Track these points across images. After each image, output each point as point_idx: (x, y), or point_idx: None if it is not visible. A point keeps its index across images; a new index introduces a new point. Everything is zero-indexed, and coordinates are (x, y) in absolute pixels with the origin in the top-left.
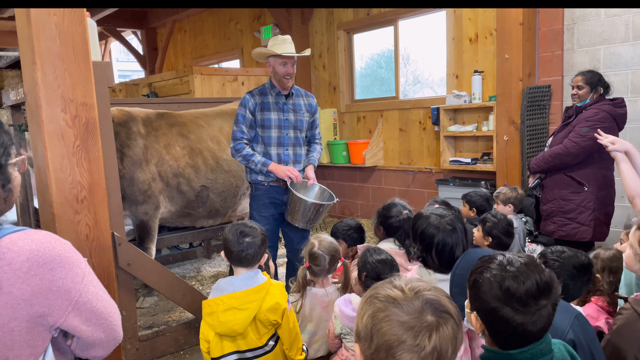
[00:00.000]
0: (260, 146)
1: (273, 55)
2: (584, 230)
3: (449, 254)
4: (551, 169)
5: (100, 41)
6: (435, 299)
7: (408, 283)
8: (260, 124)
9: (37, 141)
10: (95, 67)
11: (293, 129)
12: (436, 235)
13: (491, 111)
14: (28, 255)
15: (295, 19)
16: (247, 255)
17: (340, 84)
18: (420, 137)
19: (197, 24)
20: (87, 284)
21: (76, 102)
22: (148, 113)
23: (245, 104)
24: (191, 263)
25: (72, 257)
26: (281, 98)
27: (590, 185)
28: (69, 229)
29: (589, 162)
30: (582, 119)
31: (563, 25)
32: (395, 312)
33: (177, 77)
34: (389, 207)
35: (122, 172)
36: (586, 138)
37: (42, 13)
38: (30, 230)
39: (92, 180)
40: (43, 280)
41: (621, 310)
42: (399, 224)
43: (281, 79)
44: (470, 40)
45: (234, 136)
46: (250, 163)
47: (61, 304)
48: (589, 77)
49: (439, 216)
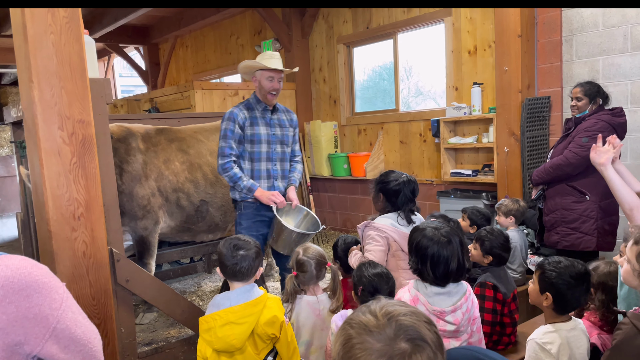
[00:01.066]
0: (248, 162)
1: (260, 70)
2: (587, 240)
3: (444, 266)
4: (553, 180)
5: (103, 57)
6: (410, 324)
7: (383, 307)
8: (250, 139)
9: (34, 158)
10: (93, 84)
11: (280, 143)
12: (430, 247)
13: (491, 123)
14: (3, 282)
15: (296, 33)
16: (242, 269)
17: (340, 97)
18: (421, 149)
19: (199, 39)
20: (65, 309)
21: (73, 120)
22: (147, 129)
23: (234, 119)
24: (192, 278)
25: (49, 282)
26: (267, 113)
27: (592, 194)
28: (65, 246)
29: (591, 171)
30: (581, 130)
31: (561, 37)
32: (368, 339)
33: (178, 92)
34: (388, 173)
35: (122, 187)
36: (585, 148)
37: (38, 31)
38: (5, 255)
39: (89, 197)
40: (19, 307)
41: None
42: (398, 187)
43: (267, 94)
44: (469, 52)
45: (222, 152)
46: (236, 186)
47: (38, 331)
48: (588, 89)
49: (435, 229)
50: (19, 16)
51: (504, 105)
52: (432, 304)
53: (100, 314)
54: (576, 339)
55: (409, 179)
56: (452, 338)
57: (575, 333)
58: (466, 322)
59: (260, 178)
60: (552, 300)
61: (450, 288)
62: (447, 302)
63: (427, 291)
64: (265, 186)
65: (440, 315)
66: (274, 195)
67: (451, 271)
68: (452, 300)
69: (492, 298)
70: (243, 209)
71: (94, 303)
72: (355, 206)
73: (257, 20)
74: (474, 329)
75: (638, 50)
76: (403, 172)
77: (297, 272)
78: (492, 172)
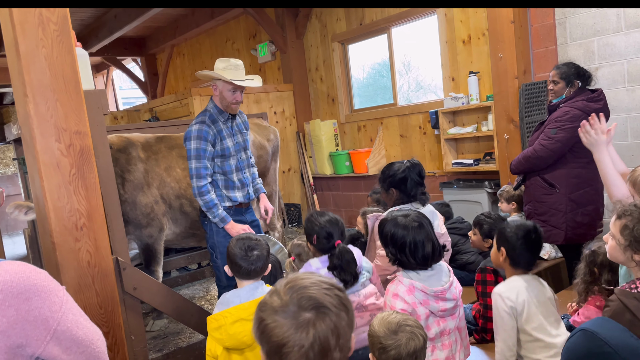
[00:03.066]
0: (220, 176)
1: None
2: (556, 233)
3: (422, 249)
4: (526, 170)
5: (102, 71)
6: (310, 295)
7: (286, 285)
8: (220, 154)
9: (33, 172)
10: (88, 96)
11: (243, 150)
12: (406, 235)
13: (489, 111)
14: (2, 286)
15: (290, 34)
16: (257, 269)
17: (338, 95)
18: (422, 142)
19: (195, 47)
20: (65, 312)
21: (70, 131)
22: (147, 137)
23: (205, 137)
24: (200, 283)
25: (48, 285)
26: (229, 122)
27: (562, 186)
28: (70, 257)
29: (561, 163)
30: (552, 120)
31: (555, 20)
32: (276, 318)
33: (176, 100)
34: (388, 165)
35: (124, 196)
36: (554, 140)
37: (30, 46)
38: (5, 261)
39: (90, 207)
40: (19, 310)
41: (608, 302)
42: (404, 173)
43: (229, 105)
44: (464, 42)
45: (199, 174)
46: (209, 212)
47: (39, 333)
48: (564, 71)
49: (404, 216)
50: (10, 32)
51: (501, 92)
52: (429, 286)
53: (109, 322)
54: (535, 288)
55: (413, 163)
56: (450, 316)
57: (534, 283)
58: (459, 294)
59: (235, 189)
60: (506, 254)
61: (436, 269)
62: (440, 281)
63: (420, 276)
64: (240, 195)
65: (441, 295)
66: (244, 229)
67: (428, 253)
68: (444, 278)
69: (494, 282)
70: None
71: (102, 312)
72: (360, 203)
73: (252, 24)
74: (459, 303)
75: (632, 29)
76: (404, 160)
77: (294, 256)
78: (494, 160)
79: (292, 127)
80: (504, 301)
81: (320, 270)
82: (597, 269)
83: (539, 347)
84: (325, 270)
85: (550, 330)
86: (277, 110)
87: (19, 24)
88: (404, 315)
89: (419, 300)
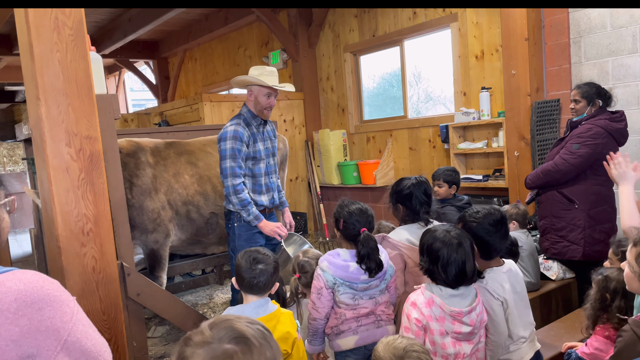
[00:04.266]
0: (249, 179)
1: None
2: (574, 249)
3: (456, 268)
4: (543, 185)
5: (114, 72)
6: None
7: (214, 320)
8: (252, 156)
9: (42, 175)
10: (100, 100)
11: (272, 156)
12: (441, 249)
13: (500, 127)
14: (16, 296)
15: (302, 43)
16: (259, 283)
17: (348, 105)
18: (431, 156)
19: (207, 52)
20: (76, 322)
21: (80, 136)
22: (157, 143)
23: (240, 137)
24: (204, 290)
25: (60, 296)
26: (261, 127)
27: (581, 202)
28: (75, 262)
29: (581, 178)
30: (574, 135)
31: (569, 39)
32: (195, 350)
33: (187, 105)
34: (399, 181)
35: (132, 201)
36: (576, 155)
37: (45, 50)
38: (19, 270)
39: (98, 213)
40: (31, 320)
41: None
42: (409, 190)
43: (263, 110)
44: (477, 57)
45: (234, 172)
46: (244, 211)
47: (50, 344)
48: (585, 90)
49: (446, 231)
50: (25, 35)
51: (513, 109)
52: (448, 304)
53: (111, 328)
54: (514, 277)
55: (419, 180)
56: (465, 340)
57: (512, 273)
58: (479, 324)
59: (261, 193)
60: (477, 248)
61: (462, 290)
62: (462, 303)
63: (442, 293)
64: (266, 199)
65: (457, 317)
66: (279, 227)
67: (463, 273)
68: (466, 302)
69: None
70: (243, 220)
71: (105, 318)
72: None
73: (264, 31)
74: (482, 333)
75: None
76: (412, 176)
77: (299, 274)
78: (503, 177)
79: (301, 135)
80: (492, 294)
81: (349, 263)
82: (610, 295)
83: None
84: (355, 265)
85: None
86: (286, 119)
87: (34, 28)
88: (410, 339)
89: (435, 316)
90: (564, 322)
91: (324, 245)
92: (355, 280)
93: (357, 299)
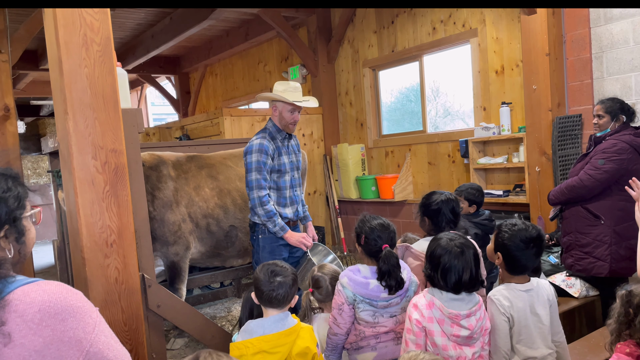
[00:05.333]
0: (274, 192)
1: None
2: (600, 265)
3: (455, 275)
4: (568, 201)
5: (136, 87)
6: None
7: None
8: (277, 169)
9: (69, 187)
10: (125, 115)
11: (296, 170)
12: (442, 256)
13: (521, 142)
14: (40, 307)
15: (322, 58)
16: (278, 296)
17: (367, 120)
18: (450, 170)
19: (228, 67)
20: (98, 333)
21: (106, 149)
22: (178, 156)
23: (266, 150)
24: (222, 302)
25: (83, 306)
26: (285, 141)
27: (607, 218)
28: (98, 273)
29: (606, 194)
30: (599, 151)
31: (591, 54)
32: None
33: (207, 119)
34: (430, 194)
35: (153, 213)
36: (601, 171)
37: (73, 65)
38: (43, 281)
39: (121, 224)
40: (55, 331)
41: None
42: (438, 206)
43: (288, 125)
44: (497, 72)
45: (260, 185)
46: (270, 222)
47: (73, 354)
48: (609, 106)
49: (450, 239)
50: (55, 51)
51: (534, 124)
52: (447, 307)
53: (132, 340)
54: (535, 297)
55: (449, 198)
56: (465, 345)
57: (533, 293)
58: (479, 329)
59: (285, 205)
60: (503, 260)
61: (464, 296)
62: (462, 307)
63: (443, 296)
64: (290, 212)
65: (455, 319)
66: (304, 238)
67: (463, 282)
68: (466, 306)
69: None
70: (267, 232)
71: (126, 329)
72: None
73: (284, 47)
74: (485, 340)
75: None
76: (445, 191)
77: (312, 288)
78: (524, 192)
79: (320, 149)
80: (498, 308)
81: (369, 280)
82: (633, 310)
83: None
84: (376, 282)
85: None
86: (305, 133)
87: (64, 44)
88: (432, 355)
89: (435, 317)
90: (588, 341)
91: (342, 259)
92: (375, 298)
93: (377, 316)
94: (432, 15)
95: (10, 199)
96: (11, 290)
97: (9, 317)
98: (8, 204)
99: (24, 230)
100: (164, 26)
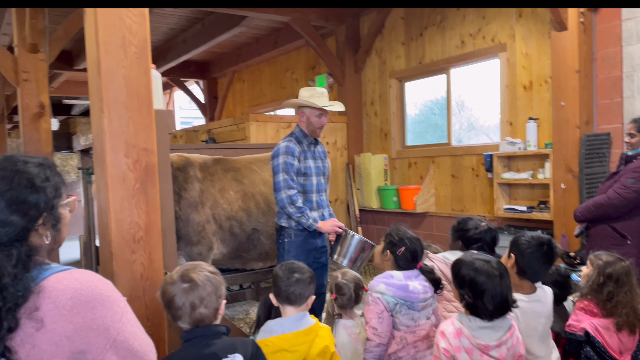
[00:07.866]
0: (300, 195)
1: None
2: None
3: (500, 299)
4: (594, 218)
5: (166, 90)
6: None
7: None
8: (303, 172)
9: (100, 184)
10: (157, 115)
11: (322, 175)
12: (486, 282)
13: (547, 159)
14: (72, 294)
15: (349, 68)
16: (295, 291)
17: (391, 130)
18: (473, 184)
19: (255, 74)
20: (125, 322)
21: (138, 148)
22: (205, 159)
23: (292, 152)
24: (240, 305)
25: (112, 296)
26: (312, 146)
27: (634, 238)
28: (125, 268)
29: (634, 214)
30: (629, 170)
31: (622, 73)
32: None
33: (234, 123)
34: (465, 220)
35: (179, 213)
36: (630, 190)
37: (111, 66)
38: (75, 269)
39: (149, 221)
40: (85, 318)
41: None
42: (480, 235)
43: (315, 129)
44: (525, 87)
45: (288, 184)
46: (303, 217)
47: (100, 342)
48: None
49: (485, 262)
50: (94, 51)
51: (561, 141)
52: (476, 337)
53: (154, 335)
54: (532, 310)
55: (490, 227)
56: None
57: (534, 304)
58: (510, 358)
59: (312, 209)
60: (515, 261)
61: (495, 322)
62: (491, 336)
63: (471, 324)
64: (316, 216)
65: (484, 350)
66: (335, 223)
67: (506, 304)
68: (497, 335)
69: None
70: (293, 236)
71: (149, 324)
72: None
73: (312, 56)
74: None
75: None
76: (481, 219)
77: (335, 295)
78: (548, 209)
79: (343, 158)
80: None
81: (408, 282)
82: (603, 279)
83: None
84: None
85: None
86: (329, 141)
87: (103, 45)
88: None
89: (464, 347)
90: None
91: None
92: (415, 299)
93: (417, 319)
94: (462, 28)
95: (48, 188)
96: (45, 277)
97: (43, 303)
98: (47, 193)
99: (59, 218)
100: (195, 31)
